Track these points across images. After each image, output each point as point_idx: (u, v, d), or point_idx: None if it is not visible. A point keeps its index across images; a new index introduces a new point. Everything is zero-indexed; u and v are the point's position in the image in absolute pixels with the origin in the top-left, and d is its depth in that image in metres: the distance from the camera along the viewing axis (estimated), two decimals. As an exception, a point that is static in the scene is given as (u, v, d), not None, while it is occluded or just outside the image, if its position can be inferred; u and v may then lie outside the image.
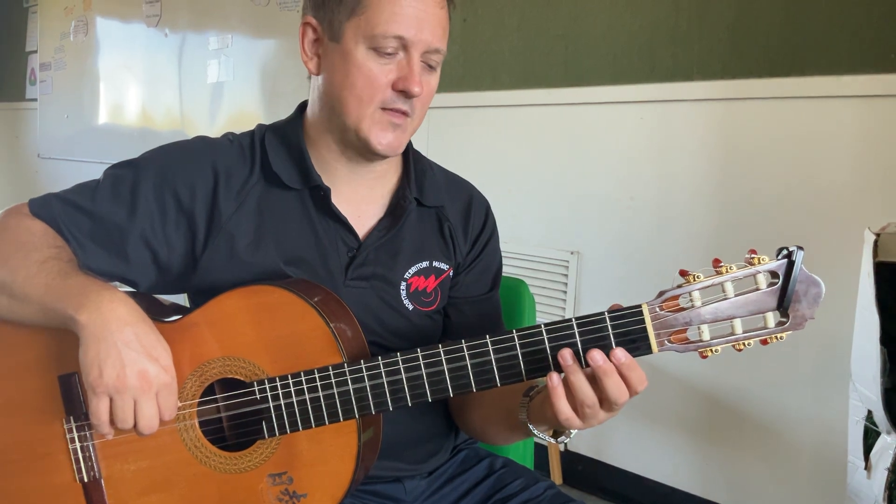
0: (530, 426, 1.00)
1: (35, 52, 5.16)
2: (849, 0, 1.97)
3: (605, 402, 0.89)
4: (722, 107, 2.23)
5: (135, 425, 0.92)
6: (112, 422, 0.92)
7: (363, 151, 1.09)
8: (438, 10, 1.05)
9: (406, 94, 1.04)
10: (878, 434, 1.58)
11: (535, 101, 2.66)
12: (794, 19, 2.07)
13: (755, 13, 2.14)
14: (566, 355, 0.88)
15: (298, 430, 0.97)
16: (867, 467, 1.61)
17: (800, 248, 0.87)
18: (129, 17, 4.33)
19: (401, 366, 0.95)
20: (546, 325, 0.92)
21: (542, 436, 1.01)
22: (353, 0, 1.03)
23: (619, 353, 0.87)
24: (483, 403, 1.15)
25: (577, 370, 0.88)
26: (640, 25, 2.38)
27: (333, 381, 0.95)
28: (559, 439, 1.00)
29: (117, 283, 1.05)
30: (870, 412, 1.60)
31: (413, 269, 1.14)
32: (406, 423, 1.12)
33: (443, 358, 0.94)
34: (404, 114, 1.06)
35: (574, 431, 0.98)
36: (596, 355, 0.87)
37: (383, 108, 1.05)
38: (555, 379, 0.89)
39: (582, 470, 2.64)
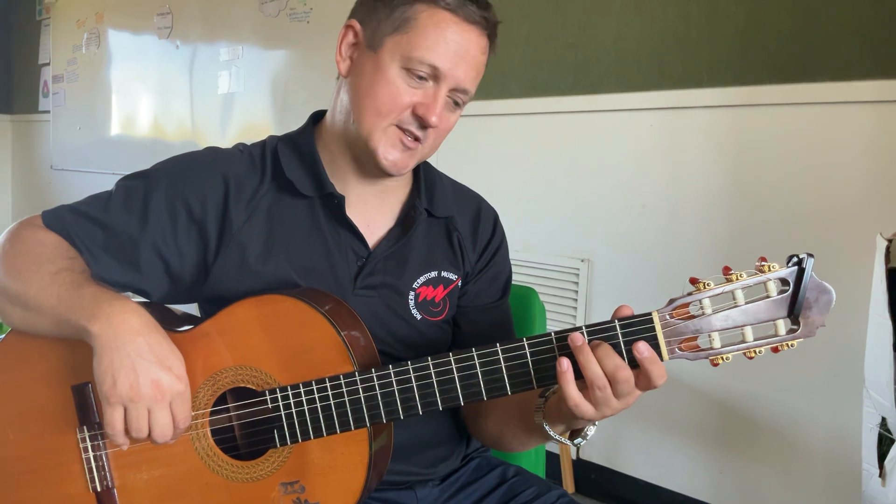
0: (546, 427, 1.00)
1: (48, 64, 5.20)
2: (859, 4, 1.97)
3: (618, 384, 0.89)
4: (732, 113, 2.23)
5: (149, 434, 0.93)
6: (127, 431, 0.93)
7: (370, 166, 1.10)
8: (479, 55, 1.07)
9: (422, 122, 1.05)
10: (892, 441, 1.57)
11: (544, 110, 2.66)
12: (803, 25, 2.07)
13: (764, 19, 2.14)
14: (575, 338, 0.89)
15: (310, 438, 0.97)
16: (882, 474, 1.60)
17: (810, 255, 0.87)
18: (140, 29, 4.37)
19: (412, 374, 0.95)
20: (556, 332, 0.92)
21: (559, 437, 1.01)
22: (402, 18, 1.04)
23: (642, 347, 0.88)
24: (499, 408, 1.14)
25: (586, 351, 0.89)
26: (650, 33, 2.38)
27: (345, 389, 0.96)
28: (575, 440, 1.00)
29: (130, 294, 1.06)
30: (884, 419, 1.59)
31: (421, 279, 1.15)
32: (413, 427, 1.11)
33: (453, 366, 0.94)
34: (416, 139, 1.07)
35: (591, 432, 0.99)
36: (641, 346, 0.88)
37: (398, 126, 1.06)
38: (564, 364, 0.89)
39: (594, 478, 2.63)
